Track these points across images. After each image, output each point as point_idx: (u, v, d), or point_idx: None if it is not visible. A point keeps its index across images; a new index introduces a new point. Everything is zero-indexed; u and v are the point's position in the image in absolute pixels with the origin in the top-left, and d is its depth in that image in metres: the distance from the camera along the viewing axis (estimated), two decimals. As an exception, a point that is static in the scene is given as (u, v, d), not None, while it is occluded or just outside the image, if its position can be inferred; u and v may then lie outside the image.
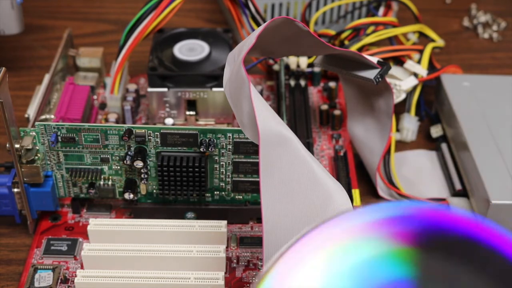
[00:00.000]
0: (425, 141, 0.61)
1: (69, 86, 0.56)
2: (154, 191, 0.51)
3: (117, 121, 0.57)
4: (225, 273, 0.47)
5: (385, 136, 0.52)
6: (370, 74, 0.49)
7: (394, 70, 0.59)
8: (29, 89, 0.60)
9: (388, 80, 0.50)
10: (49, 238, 0.50)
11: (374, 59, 0.48)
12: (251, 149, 0.49)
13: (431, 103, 0.63)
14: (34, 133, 0.48)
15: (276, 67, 0.63)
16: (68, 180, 0.51)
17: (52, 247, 0.49)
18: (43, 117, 0.52)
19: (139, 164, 0.48)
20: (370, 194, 0.55)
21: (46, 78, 0.55)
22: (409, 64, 0.59)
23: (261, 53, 0.50)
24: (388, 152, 0.55)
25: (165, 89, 0.56)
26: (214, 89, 0.56)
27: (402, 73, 0.59)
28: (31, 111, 0.54)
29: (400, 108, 0.59)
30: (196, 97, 0.56)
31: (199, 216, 0.51)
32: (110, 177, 0.50)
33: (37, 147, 0.48)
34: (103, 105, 0.61)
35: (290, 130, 0.40)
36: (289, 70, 0.63)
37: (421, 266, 0.26)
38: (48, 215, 0.52)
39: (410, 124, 0.59)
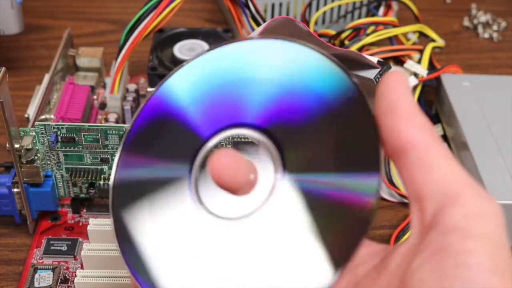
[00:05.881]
0: (425, 141, 0.60)
1: (69, 86, 0.56)
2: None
3: (117, 121, 0.57)
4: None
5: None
6: (370, 74, 0.48)
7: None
8: (29, 89, 0.60)
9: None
10: (49, 238, 0.50)
11: (374, 59, 0.48)
12: (251, 149, 0.48)
13: (431, 103, 0.63)
14: (34, 133, 0.48)
15: (276, 67, 0.63)
16: (68, 180, 0.51)
17: (52, 247, 0.49)
18: (43, 117, 0.52)
19: (139, 164, 0.48)
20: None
21: (46, 78, 0.55)
22: (409, 64, 0.59)
23: (261, 53, 0.50)
24: (388, 152, 0.55)
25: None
26: (214, 89, 0.56)
27: (402, 73, 0.59)
28: (31, 111, 0.54)
29: (400, 108, 0.59)
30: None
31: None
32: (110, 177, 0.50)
33: (37, 147, 0.48)
34: (103, 105, 0.61)
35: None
36: (289, 70, 0.63)
37: None
38: (48, 215, 0.52)
39: (410, 124, 0.59)
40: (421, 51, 0.61)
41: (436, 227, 0.26)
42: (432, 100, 0.63)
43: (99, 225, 0.47)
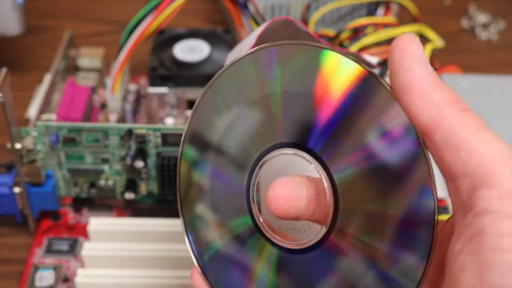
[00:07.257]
0: (425, 141, 0.61)
1: (70, 86, 0.56)
2: (155, 191, 0.51)
3: (118, 121, 0.57)
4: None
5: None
6: (370, 74, 0.49)
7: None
8: (30, 90, 0.60)
9: (388, 80, 0.50)
10: (50, 237, 0.50)
11: (374, 60, 0.48)
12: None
13: (431, 103, 0.63)
14: (35, 133, 0.48)
15: (276, 67, 0.63)
16: (69, 180, 0.51)
17: (53, 247, 0.49)
18: (44, 117, 0.53)
19: (139, 164, 0.48)
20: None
21: (47, 78, 0.56)
22: (409, 65, 0.59)
23: (261, 54, 0.50)
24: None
25: (165, 89, 0.56)
26: (214, 90, 0.56)
27: (401, 74, 0.59)
28: (32, 111, 0.55)
29: (400, 108, 0.59)
30: (197, 97, 0.56)
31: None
32: (111, 177, 0.51)
33: (38, 147, 0.49)
34: (103, 105, 0.61)
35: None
36: (289, 71, 0.63)
37: None
38: (49, 214, 0.52)
39: (409, 124, 0.59)
40: (420, 52, 0.61)
41: (471, 210, 0.24)
42: (432, 101, 0.63)
43: (99, 224, 0.47)
